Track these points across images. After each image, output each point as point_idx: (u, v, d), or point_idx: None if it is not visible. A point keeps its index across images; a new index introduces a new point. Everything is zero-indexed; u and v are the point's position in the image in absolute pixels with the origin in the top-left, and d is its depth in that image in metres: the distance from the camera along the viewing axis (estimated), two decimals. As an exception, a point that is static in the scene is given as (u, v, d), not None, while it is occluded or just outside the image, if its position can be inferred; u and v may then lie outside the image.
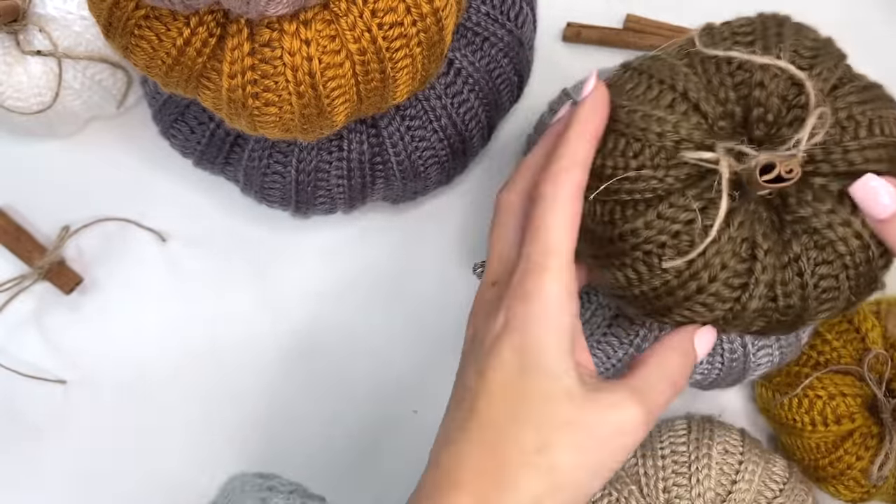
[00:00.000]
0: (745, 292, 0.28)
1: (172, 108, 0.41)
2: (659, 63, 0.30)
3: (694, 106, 0.29)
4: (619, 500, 0.41)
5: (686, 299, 0.29)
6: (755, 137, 0.29)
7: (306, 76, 0.30)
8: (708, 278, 0.28)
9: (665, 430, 0.43)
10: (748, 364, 0.40)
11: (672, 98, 0.29)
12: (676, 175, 0.28)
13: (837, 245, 0.28)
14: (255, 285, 0.50)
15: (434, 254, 0.50)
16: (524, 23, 0.42)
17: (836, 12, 0.52)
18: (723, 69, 0.29)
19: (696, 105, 0.29)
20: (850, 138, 0.28)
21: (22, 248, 0.48)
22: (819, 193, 0.28)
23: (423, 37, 0.31)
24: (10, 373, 0.47)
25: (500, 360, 0.28)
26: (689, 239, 0.28)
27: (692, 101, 0.29)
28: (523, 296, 0.28)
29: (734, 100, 0.29)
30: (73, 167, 0.49)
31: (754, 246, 0.28)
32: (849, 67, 0.30)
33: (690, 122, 0.29)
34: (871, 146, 0.28)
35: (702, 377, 0.41)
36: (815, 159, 0.28)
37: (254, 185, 0.43)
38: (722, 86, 0.29)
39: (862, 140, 0.28)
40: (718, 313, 0.29)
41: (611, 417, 0.28)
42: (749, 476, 0.41)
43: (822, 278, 0.28)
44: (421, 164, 0.42)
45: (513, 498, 0.27)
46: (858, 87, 0.29)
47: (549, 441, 0.27)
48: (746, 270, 0.28)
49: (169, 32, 0.30)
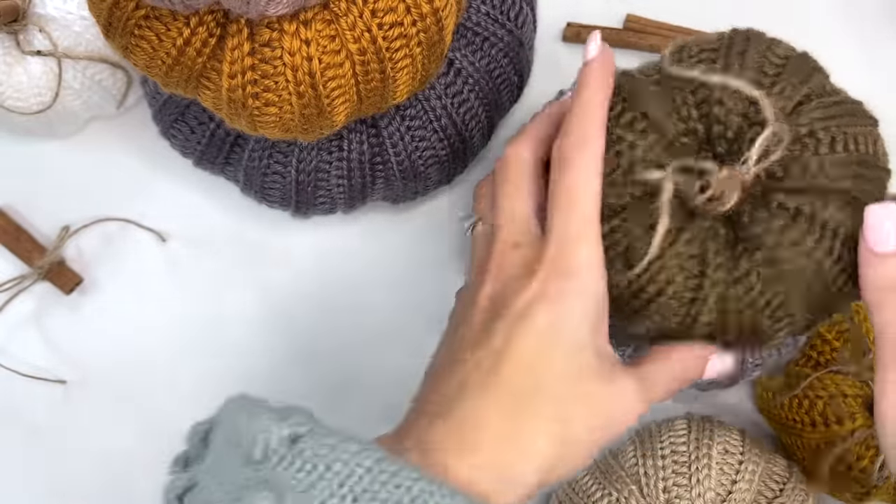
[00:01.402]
0: (693, 306, 0.29)
1: (172, 108, 0.41)
2: (630, 80, 0.31)
3: (653, 124, 0.29)
4: (619, 499, 0.41)
5: (640, 310, 0.30)
6: (717, 154, 0.29)
7: (306, 76, 0.30)
8: (655, 292, 0.29)
9: (665, 430, 0.43)
10: (747, 364, 0.40)
11: (632, 117, 0.30)
12: (632, 192, 0.29)
13: (784, 264, 0.28)
14: (255, 285, 0.50)
15: (434, 253, 0.50)
16: (524, 23, 0.42)
17: (836, 13, 0.52)
18: (685, 87, 0.30)
19: (656, 123, 0.29)
20: (811, 154, 0.28)
21: (22, 248, 0.48)
22: (775, 211, 0.28)
23: (423, 37, 0.31)
24: (9, 373, 0.47)
25: (534, 328, 0.28)
26: (639, 255, 0.29)
27: (651, 119, 0.29)
28: (565, 268, 0.28)
29: (696, 117, 0.29)
30: (73, 167, 0.49)
31: (704, 262, 0.29)
32: (822, 82, 0.30)
33: (647, 140, 0.29)
34: (834, 163, 0.28)
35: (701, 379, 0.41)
36: (776, 176, 0.28)
37: (254, 185, 0.43)
38: (685, 104, 0.30)
39: (823, 156, 0.28)
40: (673, 324, 0.30)
41: (620, 401, 0.29)
42: (749, 476, 0.41)
43: (773, 296, 0.28)
44: (421, 164, 0.42)
45: (529, 465, 0.27)
46: (827, 104, 0.29)
47: (567, 414, 0.28)
48: (696, 286, 0.29)
49: (169, 32, 0.30)
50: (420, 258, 0.50)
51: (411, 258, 0.50)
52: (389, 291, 0.50)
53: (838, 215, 0.28)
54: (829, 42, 0.51)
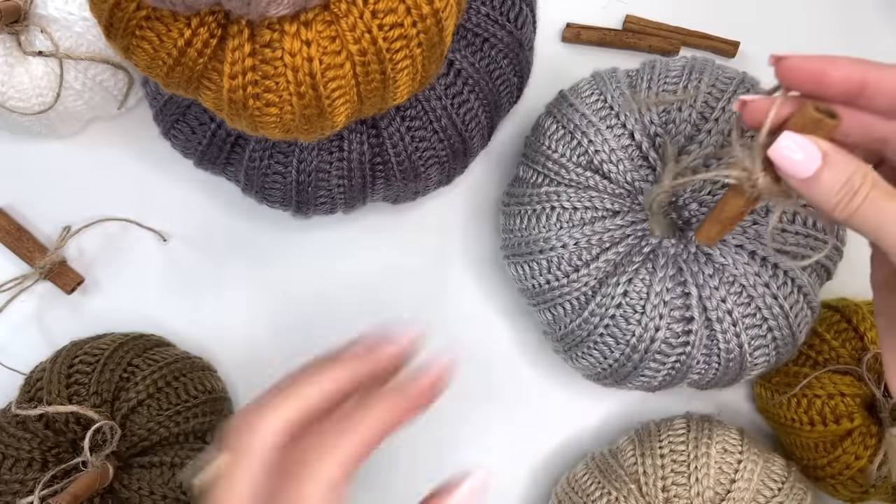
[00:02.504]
0: None
1: (173, 108, 0.42)
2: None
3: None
4: (619, 499, 0.41)
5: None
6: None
7: (307, 77, 0.30)
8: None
9: (664, 430, 0.43)
10: (745, 363, 0.40)
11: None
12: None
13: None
14: (255, 285, 0.50)
15: (434, 254, 0.50)
16: (524, 24, 0.42)
17: (836, 13, 0.52)
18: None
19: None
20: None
21: (23, 248, 0.48)
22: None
23: (423, 38, 0.32)
24: (11, 372, 0.47)
25: None
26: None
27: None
28: None
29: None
30: (75, 167, 0.50)
31: None
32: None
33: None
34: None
35: (699, 377, 0.41)
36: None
37: (254, 185, 0.43)
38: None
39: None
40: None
41: None
42: (748, 475, 0.41)
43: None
44: (421, 165, 0.42)
45: None
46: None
47: None
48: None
49: (170, 33, 0.30)
50: (420, 258, 0.50)
51: (411, 258, 0.50)
52: (389, 291, 0.50)
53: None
54: (822, 41, 0.52)
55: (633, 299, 0.39)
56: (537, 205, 0.41)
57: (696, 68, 0.41)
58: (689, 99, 0.39)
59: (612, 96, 0.41)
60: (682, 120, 0.40)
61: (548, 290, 0.41)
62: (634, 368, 0.40)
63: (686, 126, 0.39)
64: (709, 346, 0.39)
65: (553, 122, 0.42)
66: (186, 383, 0.43)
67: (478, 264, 0.50)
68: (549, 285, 0.41)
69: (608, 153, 0.40)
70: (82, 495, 0.38)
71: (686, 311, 0.39)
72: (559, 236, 0.40)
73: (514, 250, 0.43)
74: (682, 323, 0.39)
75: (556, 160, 0.41)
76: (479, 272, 0.50)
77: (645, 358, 0.40)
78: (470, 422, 0.49)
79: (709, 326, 0.39)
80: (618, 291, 0.39)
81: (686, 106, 0.40)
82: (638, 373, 0.41)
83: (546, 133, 0.42)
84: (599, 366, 0.41)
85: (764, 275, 0.38)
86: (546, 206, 0.41)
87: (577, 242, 0.40)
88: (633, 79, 0.42)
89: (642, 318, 0.39)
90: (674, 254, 0.39)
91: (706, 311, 0.39)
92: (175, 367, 0.44)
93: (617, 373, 0.41)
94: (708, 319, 0.39)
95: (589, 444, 0.49)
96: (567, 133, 0.41)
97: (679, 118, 0.40)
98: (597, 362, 0.41)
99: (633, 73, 0.42)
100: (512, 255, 0.43)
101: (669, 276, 0.39)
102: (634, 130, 0.40)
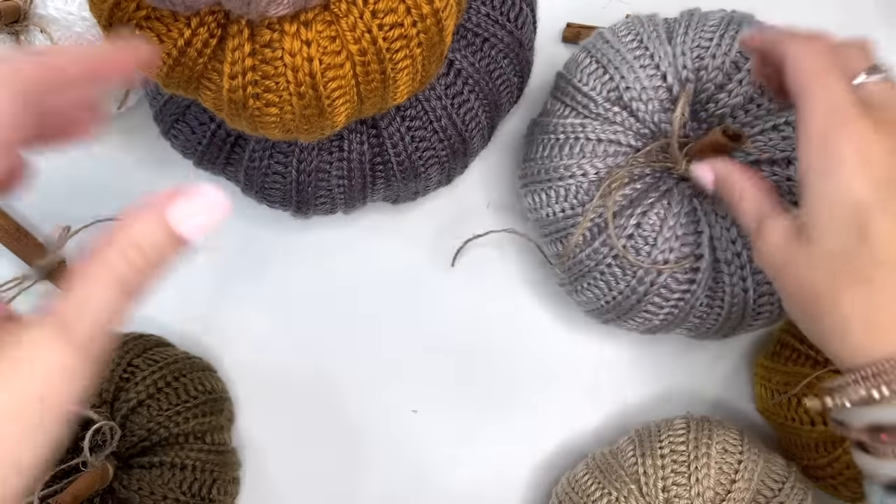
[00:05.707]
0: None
1: (173, 108, 0.42)
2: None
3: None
4: (619, 499, 0.41)
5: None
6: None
7: (307, 77, 0.30)
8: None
9: (664, 430, 0.43)
10: (747, 311, 0.40)
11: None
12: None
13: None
14: (255, 285, 0.50)
15: (434, 253, 0.50)
16: (524, 24, 0.42)
17: (836, 13, 0.52)
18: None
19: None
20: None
21: (23, 249, 0.48)
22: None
23: (423, 38, 0.32)
24: (11, 372, 0.47)
25: None
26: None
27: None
28: None
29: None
30: (75, 167, 0.49)
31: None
32: None
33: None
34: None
35: (699, 321, 0.41)
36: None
37: (254, 185, 0.43)
38: None
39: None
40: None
41: None
42: (748, 475, 0.41)
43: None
44: (421, 165, 0.42)
45: None
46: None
47: None
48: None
49: (170, 33, 0.30)
50: (420, 258, 0.50)
51: (411, 258, 0.50)
52: (389, 291, 0.50)
53: None
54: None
55: (645, 231, 0.39)
56: (561, 134, 0.42)
57: (734, 20, 0.41)
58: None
59: (648, 37, 0.41)
60: (715, 67, 0.39)
61: (562, 218, 0.42)
62: (638, 302, 0.41)
63: (718, 74, 0.39)
64: (713, 288, 0.39)
65: (587, 57, 0.42)
66: (186, 383, 0.43)
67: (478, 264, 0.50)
68: (563, 213, 0.41)
69: (639, 91, 0.40)
70: (82, 495, 0.38)
71: (696, 248, 0.39)
72: (580, 164, 0.40)
73: (532, 178, 0.43)
74: (690, 259, 0.39)
75: (587, 93, 0.41)
76: (479, 272, 0.50)
77: (650, 292, 0.40)
78: (470, 421, 0.49)
79: (716, 268, 0.39)
80: (631, 223, 0.39)
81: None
82: (641, 307, 0.41)
83: (580, 67, 0.42)
84: (604, 297, 0.42)
85: None
86: (570, 136, 0.41)
87: (597, 172, 0.40)
88: (670, 25, 0.42)
89: (652, 250, 0.39)
90: (690, 194, 0.39)
91: (715, 251, 0.39)
92: (175, 368, 0.44)
93: (620, 306, 0.41)
94: (717, 260, 0.39)
95: (589, 444, 0.49)
96: (600, 67, 0.42)
97: (712, 65, 0.40)
98: (602, 293, 0.42)
99: (671, 20, 0.42)
100: (530, 182, 0.43)
101: (685, 212, 0.39)
102: (667, 73, 0.40)
